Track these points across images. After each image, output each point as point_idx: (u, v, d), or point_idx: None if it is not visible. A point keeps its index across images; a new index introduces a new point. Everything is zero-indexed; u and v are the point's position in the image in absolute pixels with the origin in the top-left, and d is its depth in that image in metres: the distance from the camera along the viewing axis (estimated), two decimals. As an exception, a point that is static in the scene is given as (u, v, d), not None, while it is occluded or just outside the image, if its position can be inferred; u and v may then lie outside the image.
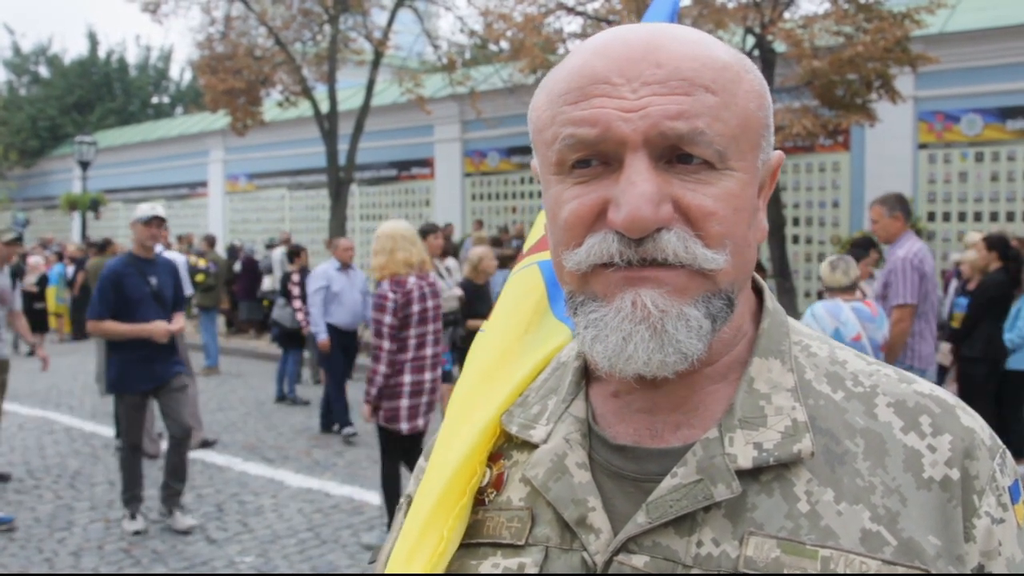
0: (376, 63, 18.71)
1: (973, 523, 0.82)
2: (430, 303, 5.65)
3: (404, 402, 5.51)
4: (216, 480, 7.56)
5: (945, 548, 0.80)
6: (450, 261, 10.24)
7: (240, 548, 5.90)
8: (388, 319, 5.46)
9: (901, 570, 0.78)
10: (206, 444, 8.64)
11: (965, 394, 7.14)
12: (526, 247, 1.31)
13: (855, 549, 0.79)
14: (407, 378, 5.52)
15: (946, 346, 7.76)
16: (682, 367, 0.82)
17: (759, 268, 6.40)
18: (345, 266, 9.32)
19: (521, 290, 1.21)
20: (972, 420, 0.87)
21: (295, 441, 9.10)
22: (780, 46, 12.89)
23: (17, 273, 7.75)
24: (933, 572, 0.78)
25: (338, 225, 18.53)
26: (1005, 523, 0.83)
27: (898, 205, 5.65)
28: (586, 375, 0.98)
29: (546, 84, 0.91)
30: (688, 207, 0.81)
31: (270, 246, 18.05)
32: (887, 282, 5.50)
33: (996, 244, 7.62)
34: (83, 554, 5.81)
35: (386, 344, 5.44)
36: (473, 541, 0.93)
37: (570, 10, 14.03)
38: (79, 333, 18.16)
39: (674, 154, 0.81)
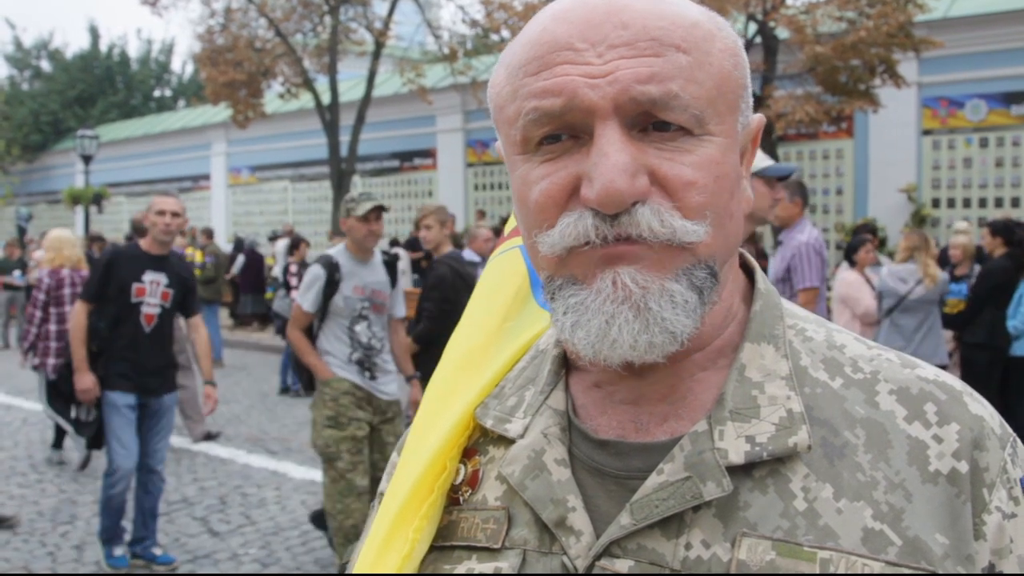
0: (377, 54, 18.70)
1: (983, 519, 0.76)
2: (79, 289, 7.21)
3: (50, 360, 7.20)
4: (219, 473, 7.56)
5: (953, 547, 0.75)
6: None
7: (243, 541, 5.89)
8: (41, 296, 7.23)
9: (906, 572, 0.73)
10: (209, 437, 8.65)
11: (967, 381, 7.09)
12: (506, 230, 1.24)
13: (856, 550, 0.73)
14: (52, 344, 7.30)
15: (946, 333, 7.71)
16: (672, 348, 0.76)
17: (762, 256, 6.43)
18: (486, 260, 8.84)
19: (501, 275, 1.14)
20: (981, 407, 0.82)
21: (299, 433, 9.09)
22: (783, 32, 12.85)
23: (389, 262, 5.28)
24: (940, 573, 0.73)
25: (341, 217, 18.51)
26: (1017, 518, 0.78)
27: (799, 192, 5.91)
28: (566, 364, 0.92)
29: (504, 58, 0.84)
30: (665, 177, 0.75)
31: (273, 238, 18.05)
32: (790, 266, 5.71)
33: (1002, 230, 7.56)
34: (86, 547, 5.80)
35: (38, 313, 7.24)
36: (447, 543, 0.88)
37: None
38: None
39: (648, 121, 0.75)
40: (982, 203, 13.99)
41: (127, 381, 5.29)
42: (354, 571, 0.92)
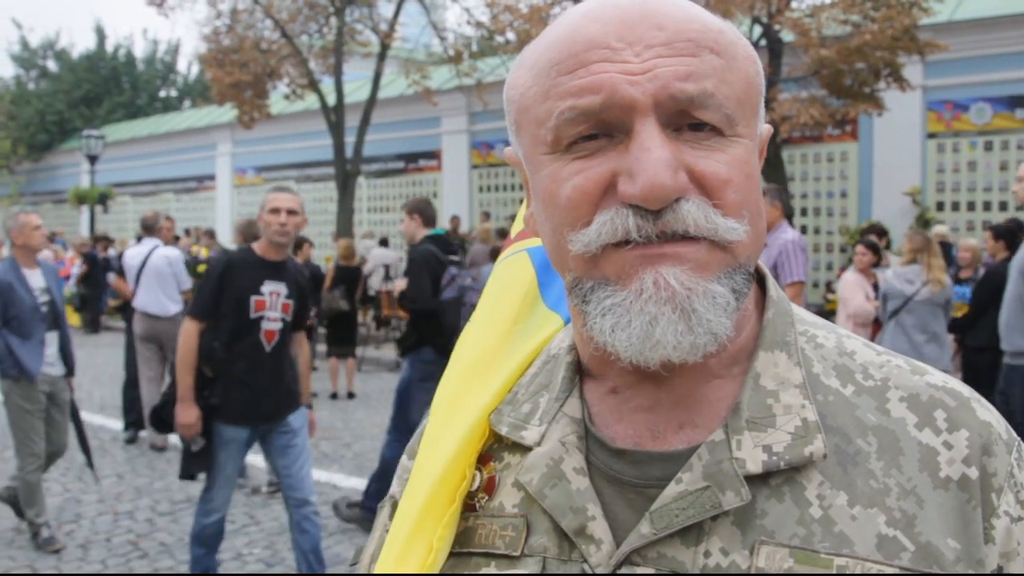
0: (382, 55, 18.72)
1: (992, 523, 0.78)
2: None
3: None
4: (224, 473, 7.58)
5: (964, 552, 0.76)
6: None
7: (247, 540, 5.91)
8: None
9: None
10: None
11: (970, 384, 7.06)
12: (513, 233, 1.23)
13: (871, 556, 0.75)
14: None
15: (948, 336, 7.69)
16: (712, 349, 0.77)
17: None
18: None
19: (509, 278, 1.14)
20: (988, 413, 0.83)
21: (302, 434, 9.11)
22: (787, 35, 12.85)
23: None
24: None
25: (346, 218, 18.55)
26: (1023, 521, 0.80)
27: (778, 196, 6.12)
28: (579, 369, 0.92)
29: (527, 59, 0.84)
30: (703, 175, 0.76)
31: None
32: (776, 263, 5.94)
33: (1004, 233, 7.56)
34: (91, 546, 5.83)
35: None
36: (465, 550, 0.88)
37: (575, 0, 13.98)
38: (88, 327, 18.21)
39: (683, 121, 0.76)
40: (986, 206, 13.98)
41: (242, 413, 4.64)
42: (376, 572, 0.92)
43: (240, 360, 4.60)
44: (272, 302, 4.65)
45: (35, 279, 5.85)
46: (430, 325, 6.09)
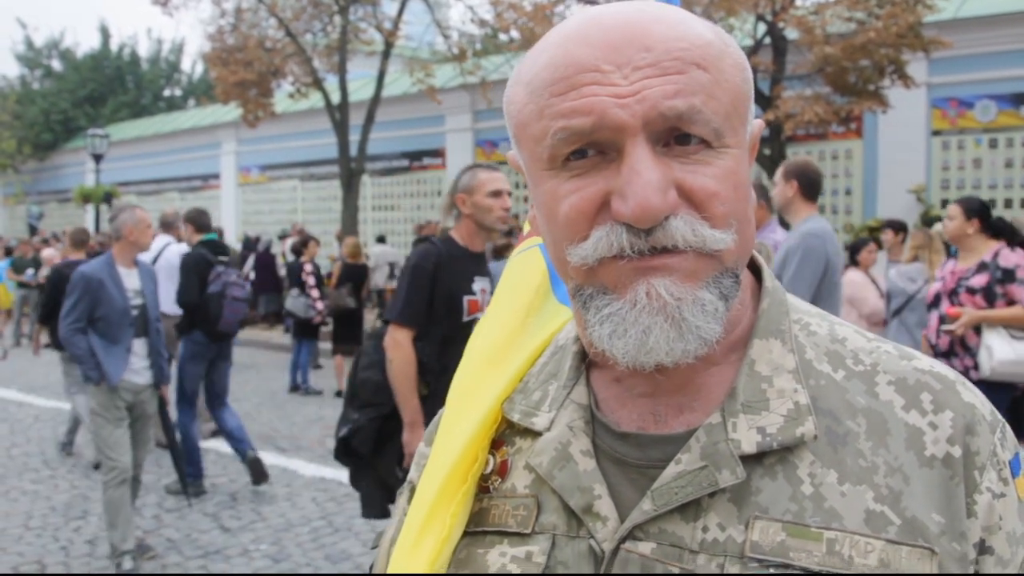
0: (387, 53, 18.73)
1: (974, 499, 0.82)
2: None
3: None
4: (230, 470, 7.61)
5: (948, 525, 0.80)
6: None
7: (254, 537, 5.94)
8: None
9: (905, 549, 0.79)
10: (219, 434, 8.68)
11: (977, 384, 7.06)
12: (525, 229, 1.28)
13: (859, 530, 0.79)
14: None
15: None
16: (702, 352, 0.82)
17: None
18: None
19: (522, 273, 1.20)
20: (972, 395, 0.88)
21: (308, 431, 9.14)
22: (792, 33, 12.84)
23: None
24: (937, 550, 0.79)
25: (350, 216, 18.58)
26: (1006, 497, 0.84)
27: (763, 195, 6.06)
28: (585, 358, 0.97)
29: (522, 77, 0.88)
30: (692, 190, 0.80)
31: (283, 237, 18.12)
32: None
33: (1004, 231, 7.54)
34: (98, 542, 5.85)
35: None
36: (479, 529, 0.93)
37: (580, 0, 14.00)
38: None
39: (671, 136, 0.80)
40: (991, 204, 13.97)
41: None
42: (395, 554, 0.97)
43: (453, 372, 3.81)
44: (483, 301, 3.95)
45: (131, 280, 5.48)
46: (198, 314, 7.18)
